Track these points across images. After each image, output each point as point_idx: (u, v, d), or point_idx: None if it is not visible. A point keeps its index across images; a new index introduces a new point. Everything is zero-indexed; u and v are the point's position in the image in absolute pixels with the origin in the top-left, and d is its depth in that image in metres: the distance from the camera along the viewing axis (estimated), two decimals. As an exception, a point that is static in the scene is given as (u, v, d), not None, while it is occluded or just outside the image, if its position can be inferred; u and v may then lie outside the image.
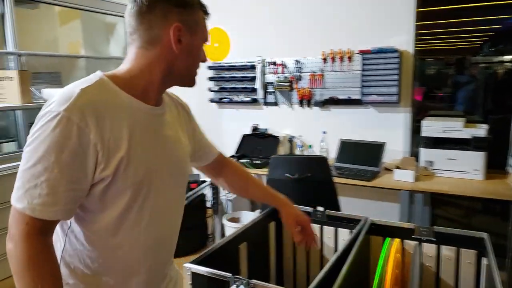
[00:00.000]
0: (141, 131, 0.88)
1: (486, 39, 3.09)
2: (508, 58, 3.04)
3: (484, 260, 1.18)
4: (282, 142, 3.47)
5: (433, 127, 2.63)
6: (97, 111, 0.80)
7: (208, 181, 3.28)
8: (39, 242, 0.78)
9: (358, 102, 3.11)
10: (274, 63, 3.44)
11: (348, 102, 3.18)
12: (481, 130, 2.51)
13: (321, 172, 2.28)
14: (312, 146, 3.38)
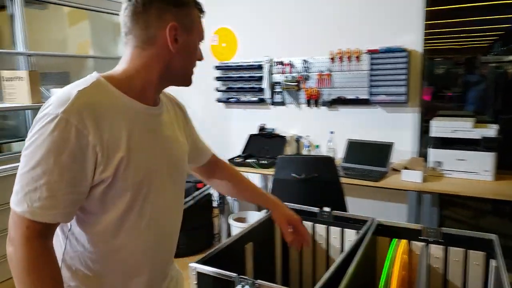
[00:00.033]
0: (139, 131, 0.87)
1: (496, 38, 3.05)
2: (519, 57, 2.99)
3: (493, 262, 1.16)
4: (289, 142, 3.46)
5: (442, 127, 2.61)
6: (95, 112, 0.79)
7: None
8: (39, 245, 0.77)
9: (366, 102, 3.09)
10: (282, 63, 3.43)
11: (356, 102, 3.16)
12: (491, 130, 2.48)
13: (327, 172, 2.27)
14: (319, 146, 3.36)
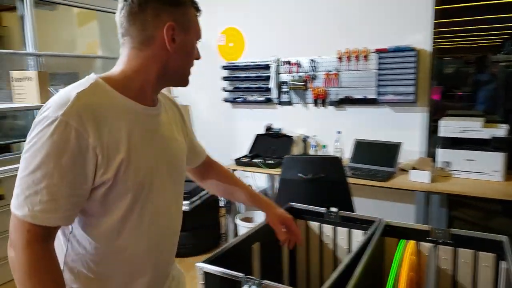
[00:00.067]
0: (139, 132, 0.87)
1: (507, 36, 3.01)
2: (530, 56, 2.95)
3: (503, 263, 1.15)
4: (296, 142, 3.45)
5: (451, 127, 2.58)
6: (94, 114, 0.79)
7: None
8: (40, 249, 0.77)
9: (374, 102, 3.07)
10: (289, 63, 3.43)
11: (364, 102, 3.14)
12: (501, 130, 2.45)
13: (334, 172, 2.26)
14: (326, 146, 3.35)
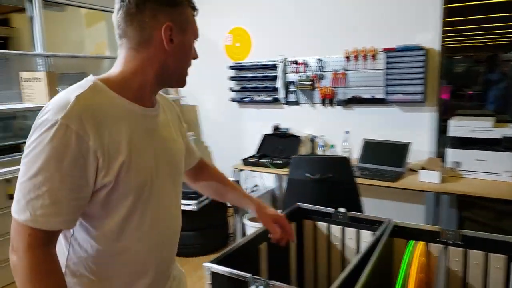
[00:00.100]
0: (139, 133, 0.87)
1: (518, 35, 2.97)
2: (541, 54, 2.91)
3: (515, 265, 1.13)
4: (304, 142, 3.44)
5: (461, 126, 2.55)
6: (94, 117, 0.78)
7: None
8: (42, 253, 0.77)
9: (382, 101, 3.04)
10: (296, 62, 3.41)
11: (372, 101, 3.12)
12: (512, 130, 2.42)
13: (342, 172, 2.25)
14: (334, 146, 3.33)
